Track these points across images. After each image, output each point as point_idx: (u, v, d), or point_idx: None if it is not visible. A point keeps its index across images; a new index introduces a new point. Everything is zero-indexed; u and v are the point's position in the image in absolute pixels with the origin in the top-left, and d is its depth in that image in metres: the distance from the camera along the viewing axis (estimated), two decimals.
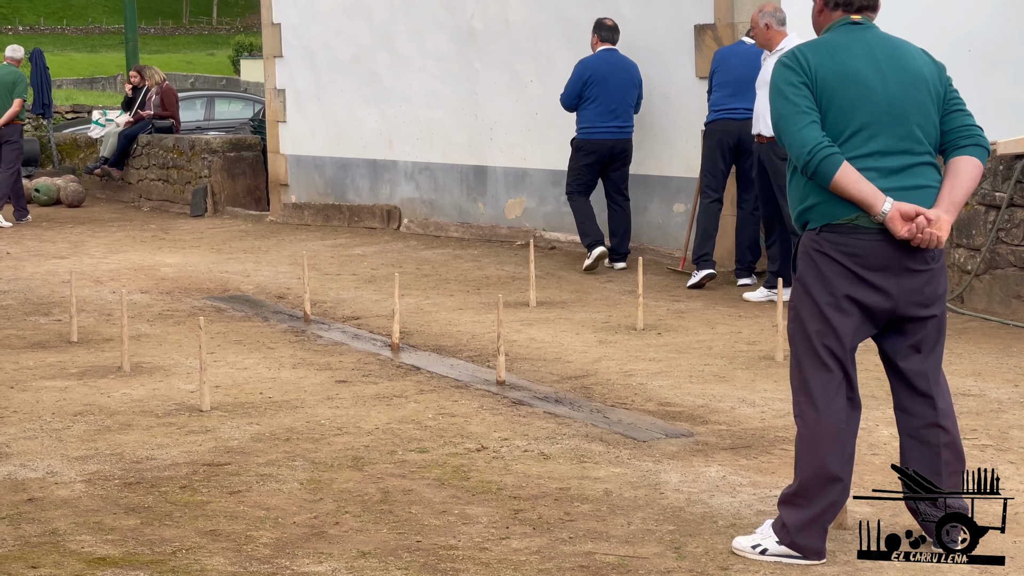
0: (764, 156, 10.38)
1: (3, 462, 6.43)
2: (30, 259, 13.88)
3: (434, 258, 13.52)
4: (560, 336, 9.44)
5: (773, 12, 10.37)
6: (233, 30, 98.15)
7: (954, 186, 4.78)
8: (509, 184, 14.53)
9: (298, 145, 17.30)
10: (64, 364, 8.72)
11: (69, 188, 19.98)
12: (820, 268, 4.80)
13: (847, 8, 4.89)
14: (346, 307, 10.84)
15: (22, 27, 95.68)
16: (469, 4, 14.73)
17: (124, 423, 7.15)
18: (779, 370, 8.16)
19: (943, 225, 4.71)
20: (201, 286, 12.03)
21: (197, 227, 16.92)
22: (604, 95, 12.37)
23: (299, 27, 17.07)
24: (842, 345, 4.81)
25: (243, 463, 6.35)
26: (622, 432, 6.84)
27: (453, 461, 6.34)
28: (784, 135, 4.80)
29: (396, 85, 15.79)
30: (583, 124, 12.46)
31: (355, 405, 7.50)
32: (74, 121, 27.62)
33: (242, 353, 9.04)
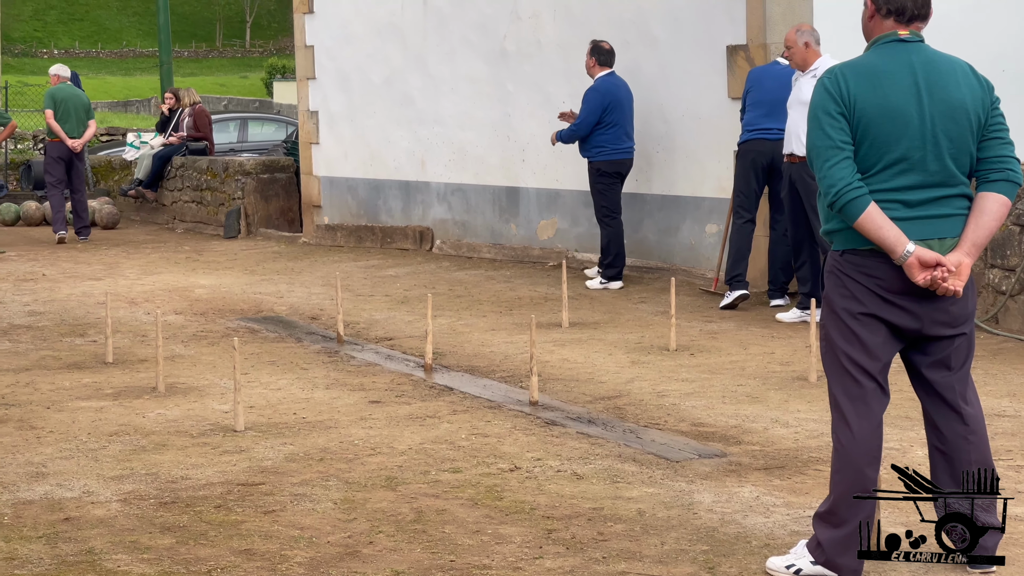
0: (796, 176, 10.37)
1: (40, 482, 6.47)
2: (66, 280, 13.97)
3: (467, 279, 13.55)
4: (593, 357, 9.44)
5: (811, 31, 10.37)
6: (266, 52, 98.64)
7: (978, 226, 4.76)
8: (541, 205, 14.55)
9: (331, 167, 17.37)
10: (100, 385, 8.77)
11: (104, 210, 20.09)
12: (846, 286, 4.81)
13: (899, 17, 4.84)
14: (379, 328, 10.87)
15: (57, 50, 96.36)
16: (502, 26, 14.78)
17: (159, 443, 7.18)
18: (812, 391, 8.14)
19: (963, 270, 4.70)
20: (235, 307, 12.09)
21: (231, 248, 17.00)
22: (622, 118, 12.71)
23: (332, 49, 17.16)
24: (871, 358, 4.80)
25: (277, 483, 6.38)
26: (655, 452, 6.84)
27: (486, 481, 6.35)
28: (816, 167, 4.80)
29: (429, 107, 15.85)
30: (608, 146, 12.64)
31: (388, 425, 7.52)
32: (109, 144, 27.82)
33: (276, 374, 9.08)
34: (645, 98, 13.11)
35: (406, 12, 16.02)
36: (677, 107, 12.82)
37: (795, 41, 10.36)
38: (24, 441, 7.26)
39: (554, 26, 14.16)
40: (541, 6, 14.30)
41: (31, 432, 7.46)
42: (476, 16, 15.09)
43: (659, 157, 13.13)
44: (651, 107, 13.12)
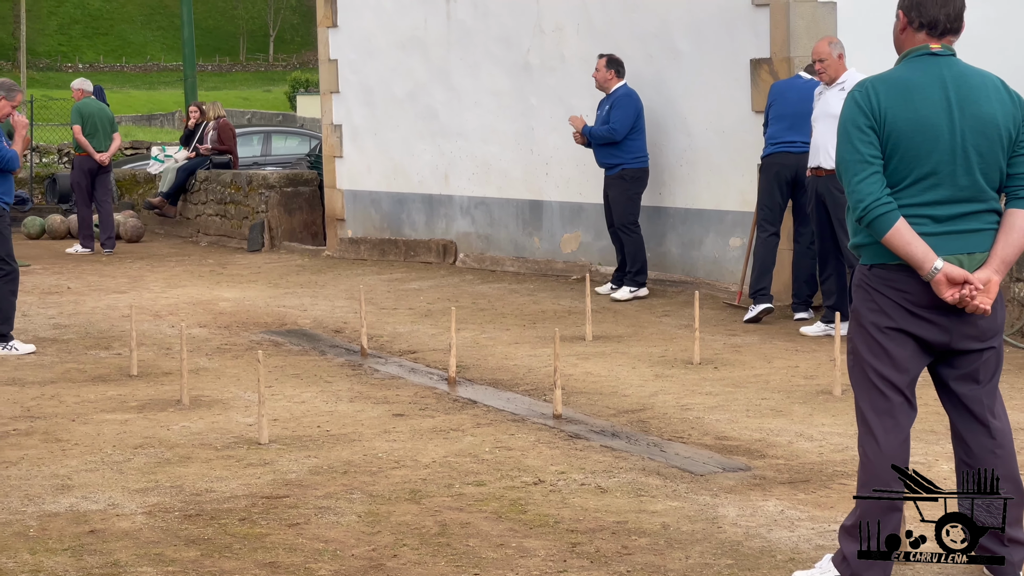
0: (823, 189, 10.34)
1: (65, 494, 6.49)
2: (91, 294, 14.02)
3: (490, 292, 13.56)
4: (616, 370, 9.44)
5: (840, 43, 10.37)
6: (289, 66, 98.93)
7: (1007, 243, 4.74)
8: (565, 219, 14.56)
9: (354, 180, 17.40)
10: (124, 397, 8.80)
11: (128, 223, 20.17)
12: (874, 300, 4.79)
13: (931, 31, 4.83)
14: (403, 341, 10.88)
15: (82, 64, 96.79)
16: (525, 40, 14.81)
17: (184, 456, 7.20)
18: (837, 404, 8.12)
19: (992, 288, 4.68)
20: (259, 320, 12.11)
21: (254, 262, 17.04)
22: (644, 126, 12.94)
23: (356, 63, 17.20)
24: (899, 372, 4.78)
25: (301, 496, 6.39)
26: (679, 466, 6.83)
27: (510, 494, 6.35)
28: (844, 182, 4.79)
29: (452, 120, 15.87)
30: (638, 154, 12.78)
31: (412, 438, 7.53)
32: (133, 157, 27.91)
33: (300, 387, 9.10)
34: (668, 111, 13.12)
35: (430, 26, 16.06)
36: (700, 120, 12.82)
37: (830, 53, 10.32)
38: (49, 453, 7.29)
39: (577, 40, 14.18)
40: (564, 20, 14.32)
41: (56, 445, 7.49)
42: (499, 30, 15.12)
43: (682, 170, 13.13)
44: (674, 120, 13.13)
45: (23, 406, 8.56)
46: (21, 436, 7.71)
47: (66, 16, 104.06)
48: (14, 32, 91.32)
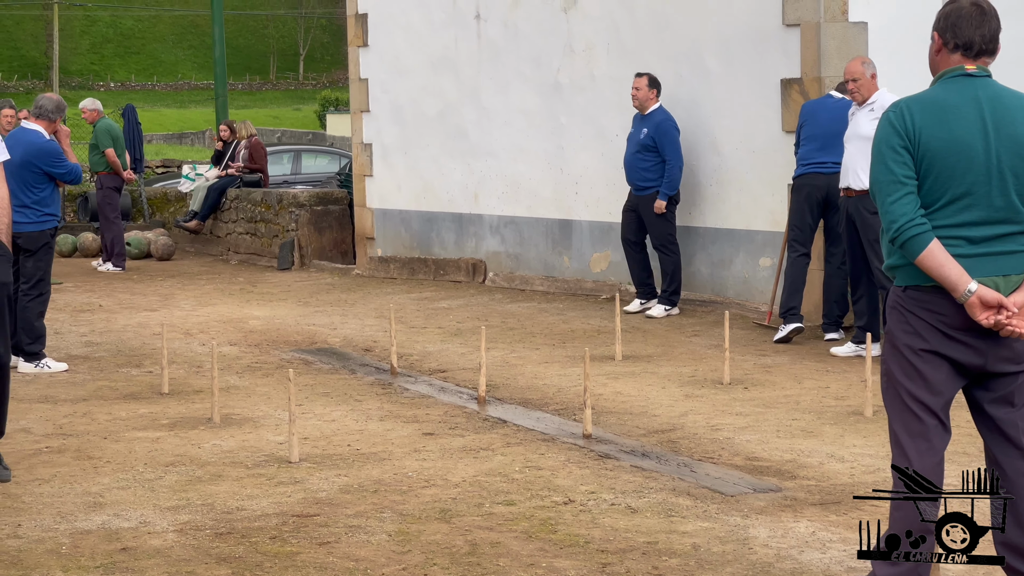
0: (853, 210, 10.32)
1: (97, 511, 6.51)
2: (122, 312, 14.07)
3: (519, 311, 13.56)
4: (646, 390, 9.43)
5: (873, 64, 10.35)
6: (319, 85, 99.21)
7: None
8: (594, 238, 14.56)
9: (384, 199, 17.44)
10: (156, 415, 8.83)
11: (159, 241, 20.25)
12: (909, 322, 4.77)
13: (967, 52, 4.81)
14: (432, 360, 10.89)
15: (114, 83, 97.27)
16: (555, 59, 14.83)
17: (215, 474, 7.22)
18: (868, 425, 8.09)
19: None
20: (289, 339, 12.14)
21: (284, 280, 17.09)
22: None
23: (386, 82, 17.25)
24: (933, 394, 4.76)
25: (332, 514, 6.40)
26: (709, 486, 6.82)
27: (540, 514, 6.35)
28: (878, 202, 4.78)
29: (482, 139, 15.91)
30: (680, 175, 12.95)
31: (442, 457, 7.53)
32: (164, 175, 28.04)
33: (330, 405, 9.11)
34: (698, 131, 13.12)
35: (460, 46, 16.10)
36: (730, 140, 12.81)
37: (863, 73, 10.29)
38: (81, 471, 7.32)
39: (607, 59, 14.20)
40: (595, 39, 14.34)
41: (88, 462, 7.52)
42: (530, 49, 15.15)
43: (712, 190, 13.12)
44: (704, 140, 13.13)
45: (55, 424, 8.60)
46: (53, 453, 7.75)
47: (98, 35, 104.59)
48: (47, 51, 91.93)
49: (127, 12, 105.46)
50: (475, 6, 15.85)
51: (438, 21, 16.41)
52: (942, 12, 4.86)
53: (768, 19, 12.34)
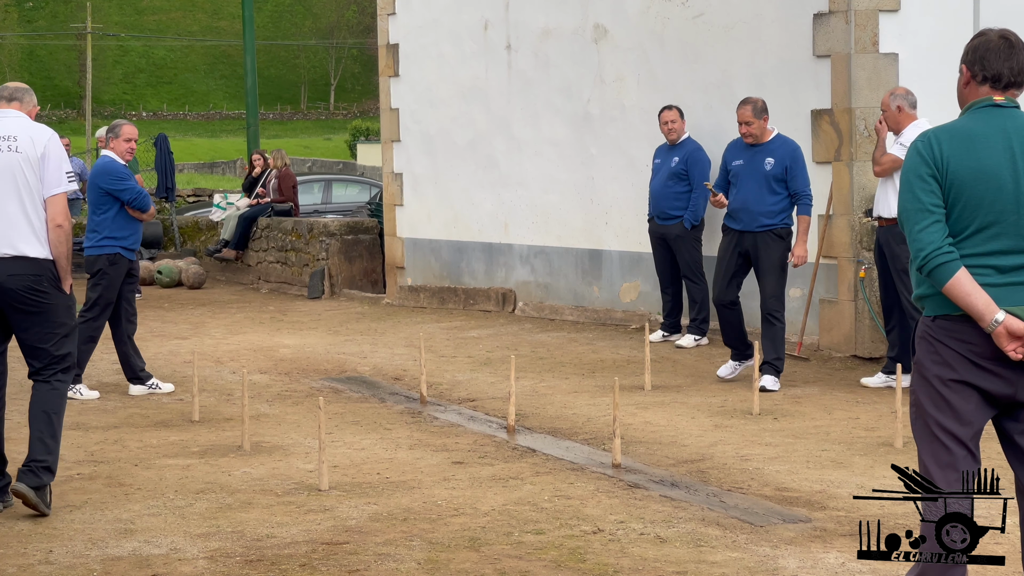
0: (883, 240, 10.32)
1: (128, 538, 6.54)
2: (153, 339, 14.14)
3: (549, 341, 13.57)
4: (675, 420, 9.42)
5: (905, 95, 10.31)
6: (350, 115, 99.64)
7: None
8: (624, 268, 14.57)
9: (414, 228, 17.50)
10: (186, 443, 8.87)
11: (190, 270, 20.35)
12: (938, 352, 4.76)
13: (995, 84, 4.83)
14: (462, 389, 10.91)
15: (146, 113, 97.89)
16: (585, 90, 14.87)
17: (245, 501, 7.25)
18: (898, 457, 8.07)
19: None
20: (319, 367, 12.18)
21: (315, 309, 17.14)
22: None
23: (417, 112, 17.33)
24: (962, 425, 4.75)
25: (361, 542, 6.41)
26: (739, 516, 6.80)
27: (569, 543, 6.35)
28: (906, 231, 4.79)
29: (512, 170, 15.95)
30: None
31: (471, 486, 7.54)
32: (195, 204, 28.17)
33: (359, 433, 9.13)
34: None
35: (491, 76, 16.16)
36: None
37: (888, 105, 10.30)
38: (112, 498, 7.35)
39: (638, 90, 14.23)
40: (625, 70, 14.38)
41: (119, 489, 7.56)
42: (560, 80, 15.20)
43: None
44: None
45: (87, 450, 8.64)
46: (85, 480, 7.79)
47: (131, 65, 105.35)
48: (80, 80, 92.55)
49: (160, 42, 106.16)
50: (506, 37, 15.92)
51: (469, 52, 16.48)
52: (970, 45, 4.88)
53: (799, 50, 12.36)
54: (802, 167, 10.76)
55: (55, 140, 7.18)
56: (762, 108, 10.81)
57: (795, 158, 10.73)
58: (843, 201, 11.89)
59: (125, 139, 10.81)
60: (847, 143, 11.86)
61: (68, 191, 7.13)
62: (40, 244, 7.05)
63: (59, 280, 7.11)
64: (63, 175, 7.10)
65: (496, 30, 16.07)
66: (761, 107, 10.81)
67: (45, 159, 7.07)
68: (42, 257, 7.05)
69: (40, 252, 7.04)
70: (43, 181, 7.07)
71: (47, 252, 7.06)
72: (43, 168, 7.06)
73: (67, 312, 7.18)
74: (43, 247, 7.05)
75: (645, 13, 14.07)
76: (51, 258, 7.07)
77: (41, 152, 7.06)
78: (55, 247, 7.06)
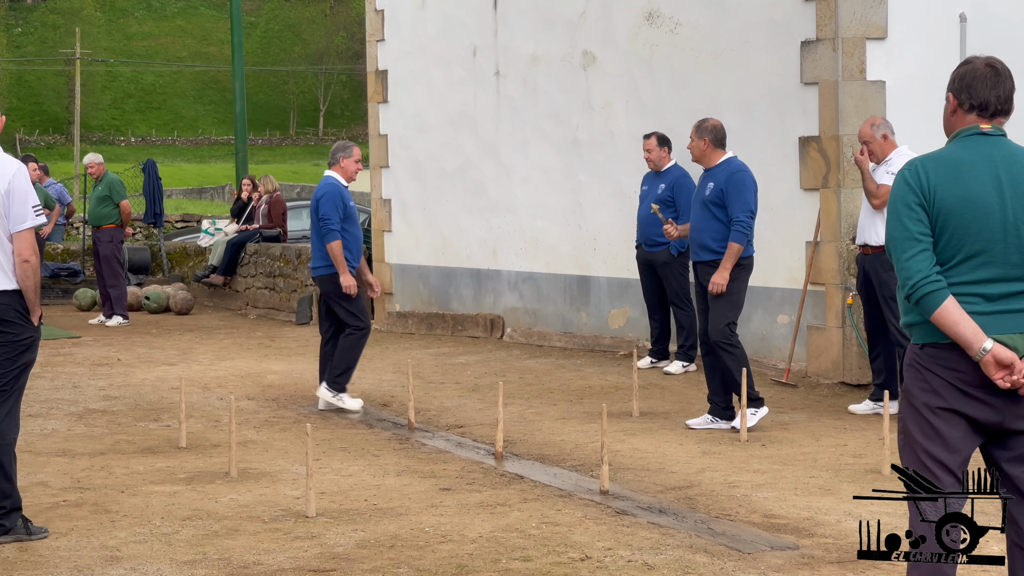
0: (869, 267, 10.34)
1: (114, 565, 6.52)
2: (140, 365, 14.11)
3: (537, 367, 13.56)
4: (663, 446, 9.42)
5: (884, 123, 10.35)
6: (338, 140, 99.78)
7: None
8: (612, 294, 14.58)
9: (403, 254, 17.50)
10: (173, 469, 8.84)
11: (178, 296, 20.31)
12: (926, 379, 4.77)
13: (982, 112, 4.84)
14: (450, 415, 10.90)
15: (134, 138, 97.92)
16: (574, 116, 14.90)
17: (231, 528, 7.23)
18: (886, 483, 8.06)
19: None
20: (307, 393, 12.16)
21: (303, 335, 17.12)
22: None
23: (406, 138, 17.35)
24: (950, 452, 4.75)
25: (348, 569, 6.39)
26: (727, 544, 6.80)
27: (557, 570, 6.34)
28: (894, 259, 4.80)
29: (501, 196, 15.97)
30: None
31: (459, 513, 7.52)
32: (184, 230, 28.14)
33: (347, 460, 9.12)
34: None
35: (479, 102, 16.19)
36: None
37: (872, 135, 10.32)
38: (99, 525, 7.33)
39: (626, 117, 14.26)
40: (614, 97, 14.42)
41: (105, 516, 7.53)
42: (549, 106, 15.23)
43: None
44: None
45: (73, 477, 8.62)
46: (71, 507, 7.76)
47: (120, 90, 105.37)
48: (68, 106, 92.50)
49: (148, 68, 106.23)
50: (495, 63, 15.95)
51: (458, 78, 16.51)
52: (956, 73, 4.89)
53: (786, 78, 12.40)
54: (740, 190, 9.99)
55: (21, 173, 7.09)
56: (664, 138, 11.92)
57: (733, 181, 10.01)
58: (831, 228, 11.91)
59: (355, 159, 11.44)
60: (835, 170, 11.88)
61: (35, 225, 7.11)
62: (7, 277, 7.04)
63: (28, 312, 7.10)
64: (29, 210, 7.06)
65: (485, 56, 16.10)
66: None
67: (10, 195, 7.01)
68: (10, 289, 7.04)
69: (7, 285, 7.03)
70: (8, 217, 7.02)
71: (15, 284, 7.05)
72: (8, 204, 7.02)
73: (31, 346, 7.15)
74: (10, 280, 7.04)
75: (633, 40, 14.12)
76: (18, 289, 7.06)
77: (5, 188, 7.01)
78: (22, 280, 7.04)
